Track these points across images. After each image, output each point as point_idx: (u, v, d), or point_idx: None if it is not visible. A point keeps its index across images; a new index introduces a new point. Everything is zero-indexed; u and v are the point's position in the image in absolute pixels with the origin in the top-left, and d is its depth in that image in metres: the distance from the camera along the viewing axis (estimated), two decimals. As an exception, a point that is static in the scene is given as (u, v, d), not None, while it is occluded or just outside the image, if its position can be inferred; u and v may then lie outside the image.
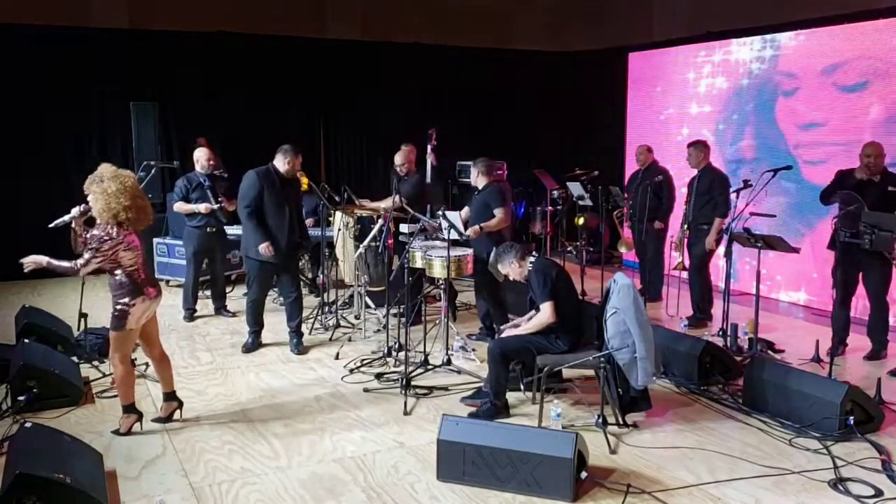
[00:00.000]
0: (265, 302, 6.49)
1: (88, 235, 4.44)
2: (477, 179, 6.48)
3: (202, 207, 6.97)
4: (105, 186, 4.34)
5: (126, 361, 4.61)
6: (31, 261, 4.45)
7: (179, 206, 7.09)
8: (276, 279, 6.54)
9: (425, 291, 6.75)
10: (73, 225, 4.62)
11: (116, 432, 4.67)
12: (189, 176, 7.17)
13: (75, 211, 4.59)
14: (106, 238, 4.37)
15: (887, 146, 6.11)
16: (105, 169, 4.45)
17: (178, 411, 4.90)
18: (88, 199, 4.43)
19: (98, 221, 4.41)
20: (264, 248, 5.99)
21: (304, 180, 7.58)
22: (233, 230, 7.60)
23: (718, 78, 9.07)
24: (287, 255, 6.20)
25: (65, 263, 4.41)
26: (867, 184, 5.82)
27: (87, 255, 4.38)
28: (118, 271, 4.45)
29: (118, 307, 4.47)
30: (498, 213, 6.20)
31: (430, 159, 7.90)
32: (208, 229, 7.06)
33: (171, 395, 4.89)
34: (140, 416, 4.73)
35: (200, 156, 7.17)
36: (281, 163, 6.13)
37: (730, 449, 4.48)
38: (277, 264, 6.18)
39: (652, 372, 4.68)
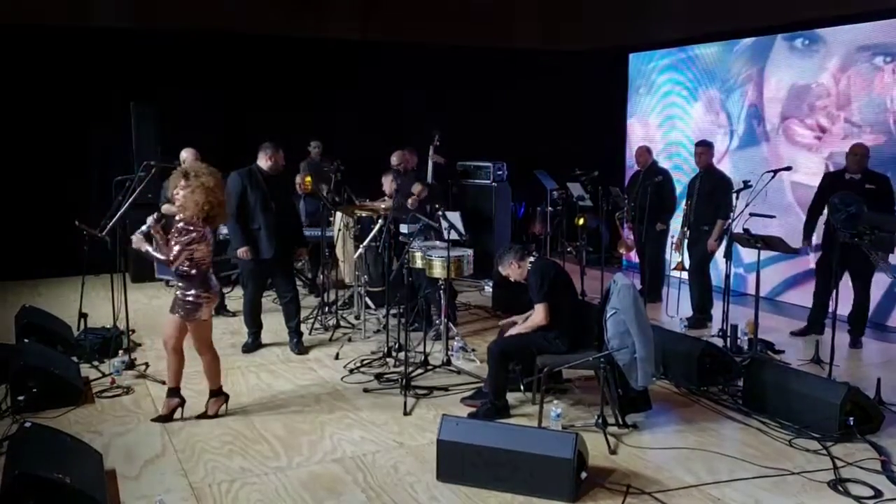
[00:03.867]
0: (261, 302, 6.48)
1: (174, 229, 4.61)
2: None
3: None
4: (204, 181, 4.53)
5: (213, 348, 4.88)
6: (136, 241, 4.66)
7: (167, 208, 6.97)
8: (271, 279, 6.54)
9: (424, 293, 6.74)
10: (151, 232, 4.74)
11: (205, 415, 4.90)
12: None
13: (150, 220, 4.73)
14: (190, 230, 4.55)
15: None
16: (197, 164, 4.69)
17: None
18: (179, 192, 4.56)
19: (181, 215, 4.59)
20: (242, 253, 6.04)
21: (308, 180, 7.59)
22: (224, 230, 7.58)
23: (718, 77, 9.08)
24: (279, 254, 6.16)
25: (160, 256, 4.60)
26: (848, 182, 6.22)
27: (176, 249, 4.55)
28: (187, 264, 4.59)
29: (188, 299, 4.62)
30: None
31: (432, 159, 7.90)
32: None
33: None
34: (227, 398, 5.01)
35: (187, 156, 7.05)
36: (263, 160, 6.13)
37: (729, 449, 4.48)
38: (270, 263, 6.17)
39: (652, 373, 4.69)
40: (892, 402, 5.11)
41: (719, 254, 6.95)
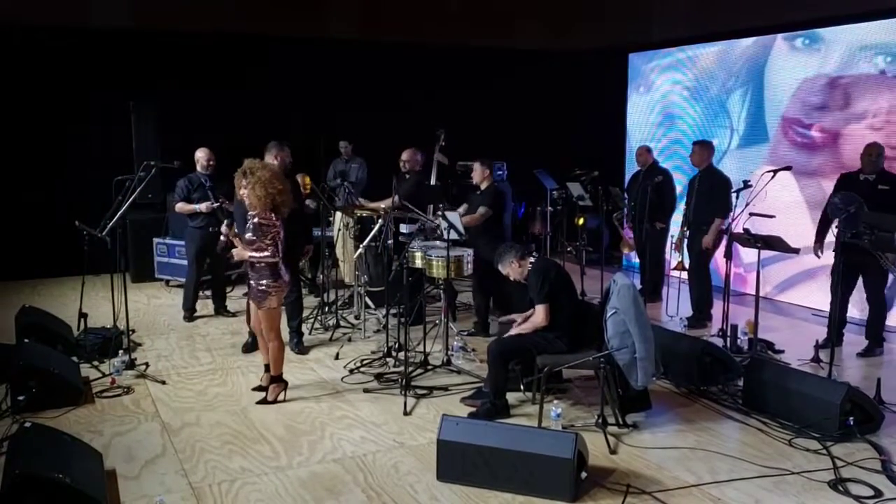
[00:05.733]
0: None
1: (252, 228, 4.81)
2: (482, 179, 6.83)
3: (203, 207, 6.98)
4: (259, 175, 4.78)
5: (280, 336, 5.12)
6: (237, 254, 4.96)
7: (181, 207, 7.12)
8: None
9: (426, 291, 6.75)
10: (230, 237, 5.00)
11: (264, 401, 5.10)
12: (190, 176, 7.17)
13: (224, 229, 5.02)
14: (266, 223, 4.82)
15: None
16: (251, 161, 4.89)
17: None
18: (243, 192, 4.83)
19: (251, 212, 4.86)
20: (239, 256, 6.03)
21: (307, 181, 7.58)
22: None
23: (718, 78, 9.08)
24: (284, 256, 6.12)
25: (270, 259, 4.87)
26: (863, 183, 6.09)
27: (270, 248, 4.84)
28: (271, 251, 4.83)
29: (261, 288, 4.91)
30: (481, 210, 6.53)
31: (437, 159, 7.89)
32: (210, 229, 7.05)
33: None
34: (286, 385, 5.23)
35: (201, 156, 7.19)
36: (269, 160, 6.07)
37: (729, 449, 4.48)
38: None
39: (652, 372, 4.69)
40: (891, 401, 5.11)
41: (719, 253, 6.95)
